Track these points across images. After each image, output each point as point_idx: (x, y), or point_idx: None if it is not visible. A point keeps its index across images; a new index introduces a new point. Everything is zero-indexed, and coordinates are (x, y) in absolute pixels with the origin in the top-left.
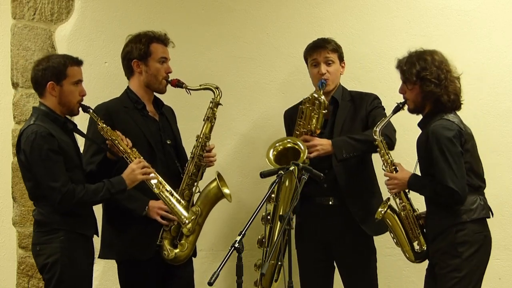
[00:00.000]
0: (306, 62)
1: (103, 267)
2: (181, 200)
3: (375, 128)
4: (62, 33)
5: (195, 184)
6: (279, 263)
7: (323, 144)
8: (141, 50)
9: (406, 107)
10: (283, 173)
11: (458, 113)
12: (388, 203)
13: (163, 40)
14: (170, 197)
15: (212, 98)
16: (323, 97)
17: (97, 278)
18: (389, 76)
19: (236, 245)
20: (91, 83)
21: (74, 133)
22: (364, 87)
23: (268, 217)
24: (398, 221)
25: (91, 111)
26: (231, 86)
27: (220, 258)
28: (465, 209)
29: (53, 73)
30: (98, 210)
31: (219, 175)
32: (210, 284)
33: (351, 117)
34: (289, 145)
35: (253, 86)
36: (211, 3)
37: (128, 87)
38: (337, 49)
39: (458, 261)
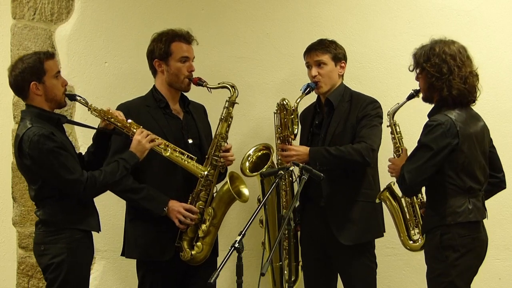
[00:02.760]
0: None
1: (103, 267)
2: (193, 157)
3: (389, 110)
4: (62, 33)
5: (212, 184)
6: (294, 263)
7: (300, 154)
8: (161, 49)
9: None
10: (283, 173)
11: None
12: (388, 186)
13: (186, 38)
14: (182, 156)
15: (228, 97)
16: (288, 102)
17: (97, 278)
18: (389, 76)
19: (236, 245)
20: (91, 83)
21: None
22: (364, 87)
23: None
24: (398, 207)
25: (78, 97)
26: None
27: (220, 258)
28: (450, 211)
29: (32, 72)
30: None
31: (231, 177)
32: (210, 284)
33: (344, 121)
34: (259, 153)
35: (253, 86)
36: (211, 3)
37: (154, 85)
38: (330, 50)
39: (443, 266)
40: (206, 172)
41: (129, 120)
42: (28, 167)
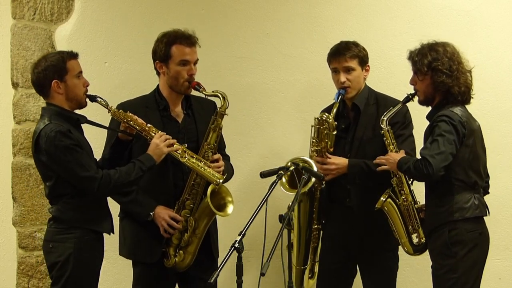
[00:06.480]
0: (329, 66)
1: (103, 267)
2: (210, 164)
3: (382, 117)
4: (62, 33)
5: (198, 194)
6: (313, 262)
7: (339, 168)
8: (162, 51)
9: (416, 98)
10: (283, 173)
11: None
12: (389, 192)
13: (188, 40)
14: (198, 162)
15: (218, 107)
16: (330, 118)
17: None
18: (389, 76)
19: (236, 245)
20: (91, 83)
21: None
22: None
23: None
24: (398, 212)
25: (99, 99)
26: (231, 86)
27: (220, 258)
28: (457, 207)
29: (54, 71)
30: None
31: (212, 191)
32: (210, 284)
33: (373, 126)
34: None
35: (253, 86)
36: (211, 3)
37: (157, 85)
38: (358, 55)
39: (452, 262)
40: (221, 180)
41: (149, 124)
42: (44, 163)
